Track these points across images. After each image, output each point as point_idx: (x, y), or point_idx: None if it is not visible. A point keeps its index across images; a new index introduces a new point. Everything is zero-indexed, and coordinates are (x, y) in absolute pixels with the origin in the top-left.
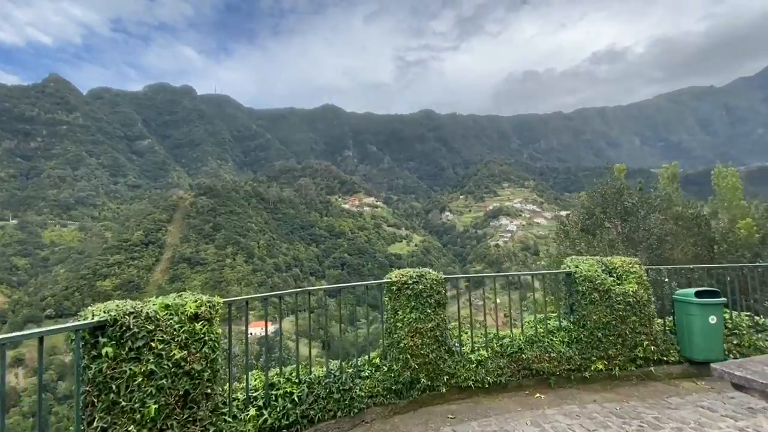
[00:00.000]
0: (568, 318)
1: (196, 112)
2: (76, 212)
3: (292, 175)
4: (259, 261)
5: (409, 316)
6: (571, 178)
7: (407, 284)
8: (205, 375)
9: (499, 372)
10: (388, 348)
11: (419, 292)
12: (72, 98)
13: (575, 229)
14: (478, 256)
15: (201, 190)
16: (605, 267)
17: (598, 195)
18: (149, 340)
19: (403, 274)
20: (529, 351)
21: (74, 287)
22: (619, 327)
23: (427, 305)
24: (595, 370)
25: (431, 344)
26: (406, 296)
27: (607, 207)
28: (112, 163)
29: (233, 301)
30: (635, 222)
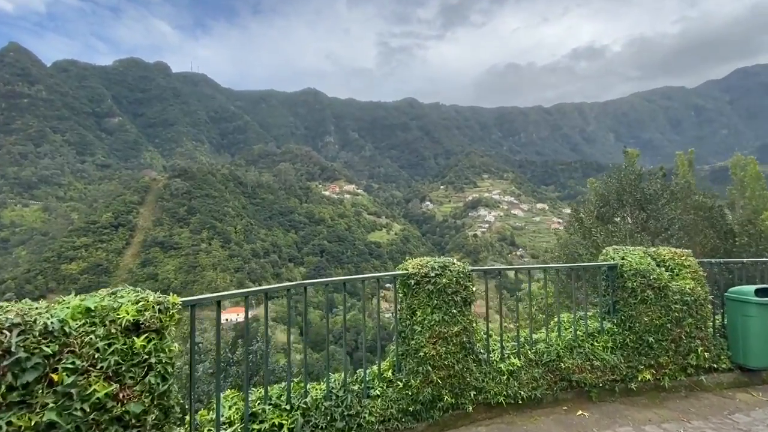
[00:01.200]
0: (611, 319)
1: (171, 90)
2: (39, 191)
3: (271, 159)
4: (236, 246)
5: (430, 318)
6: (548, 171)
7: (428, 277)
8: (149, 419)
9: (533, 384)
10: (402, 357)
11: (443, 287)
12: (34, 69)
13: (590, 217)
14: (457, 246)
15: (175, 172)
16: (654, 259)
17: (614, 181)
18: (49, 370)
19: (422, 265)
20: (569, 359)
21: (37, 270)
22: (674, 330)
23: (451, 304)
24: (642, 380)
25: (457, 352)
26: (427, 293)
27: (624, 194)
28: (78, 140)
29: (197, 302)
30: (654, 211)
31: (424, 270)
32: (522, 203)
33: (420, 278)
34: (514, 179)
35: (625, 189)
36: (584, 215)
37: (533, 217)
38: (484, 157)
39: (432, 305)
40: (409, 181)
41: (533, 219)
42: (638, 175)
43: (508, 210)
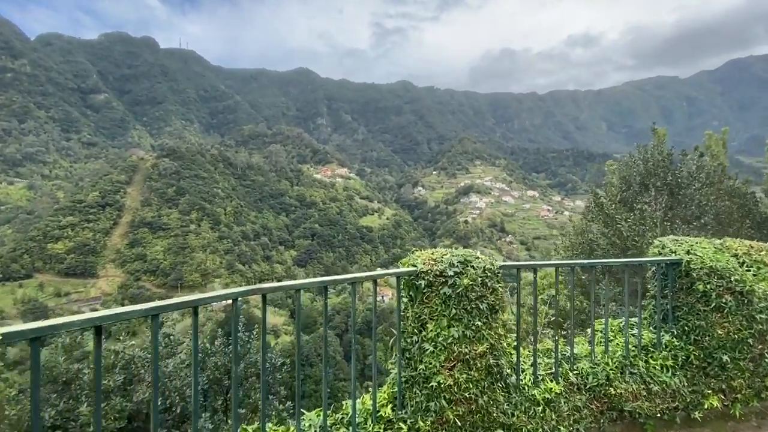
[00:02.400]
0: (668, 329)
1: (159, 67)
2: (23, 169)
3: (261, 140)
4: (225, 228)
5: (446, 334)
6: (540, 159)
7: (444, 277)
8: None
9: (575, 416)
10: (407, 387)
11: (464, 290)
12: (18, 43)
13: (613, 202)
14: (447, 232)
15: (164, 152)
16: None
17: (639, 162)
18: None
19: (436, 259)
20: (621, 382)
21: (23, 249)
22: (755, 347)
23: (475, 314)
24: (708, 407)
25: (481, 380)
26: (443, 298)
27: (650, 176)
28: (64, 117)
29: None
30: (686, 196)
31: (438, 266)
32: (513, 190)
33: (433, 278)
34: (506, 166)
35: (650, 171)
36: (606, 200)
37: (523, 204)
38: (477, 143)
39: (449, 315)
40: (401, 165)
41: (523, 206)
42: (669, 155)
43: (499, 197)
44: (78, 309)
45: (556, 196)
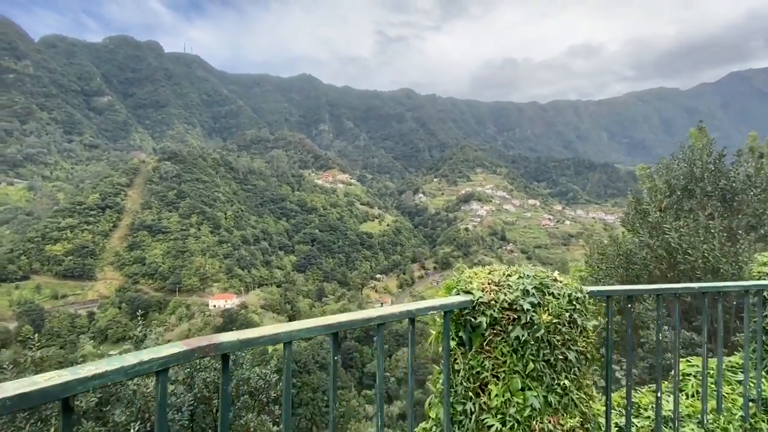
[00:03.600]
0: None
1: (163, 70)
2: (24, 170)
3: (264, 145)
4: (225, 232)
5: (520, 402)
6: (541, 168)
7: (515, 310)
8: None
9: None
10: None
11: (545, 332)
12: (21, 45)
13: (656, 210)
14: (448, 239)
15: (165, 155)
16: None
17: (684, 166)
18: None
19: (499, 283)
20: None
21: (20, 250)
22: None
23: (562, 368)
24: None
25: None
26: (514, 344)
27: (697, 181)
28: (66, 119)
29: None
30: (742, 203)
31: (506, 295)
32: (514, 198)
33: (498, 312)
34: (507, 174)
35: (695, 175)
36: (652, 206)
37: (524, 212)
38: (478, 151)
39: (524, 372)
40: (402, 172)
41: (524, 215)
42: (720, 155)
43: (500, 205)
44: (75, 312)
45: (557, 205)
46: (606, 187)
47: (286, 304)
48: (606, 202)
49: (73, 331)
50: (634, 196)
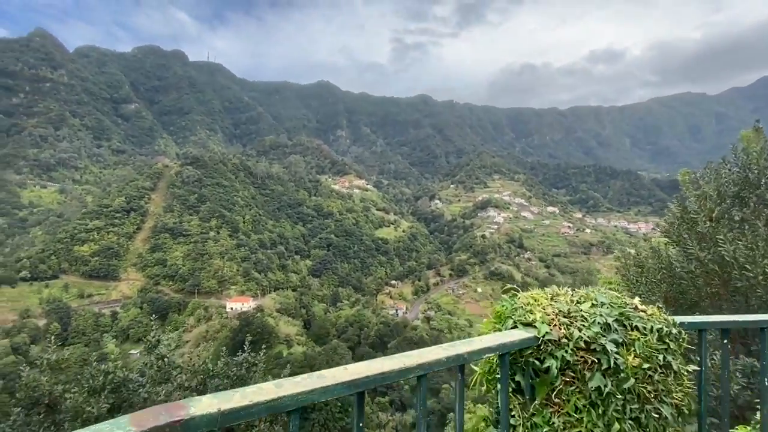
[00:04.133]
0: None
1: (187, 78)
2: (56, 173)
3: (282, 151)
4: (243, 236)
5: None
6: (560, 174)
7: (593, 351)
8: None
9: None
10: None
11: (636, 381)
12: (57, 55)
13: (705, 219)
14: (464, 246)
15: (188, 160)
16: None
17: (737, 171)
18: None
19: (570, 314)
20: None
21: (51, 250)
22: None
23: (654, 428)
24: None
25: None
26: (591, 398)
27: (753, 189)
28: (96, 125)
29: None
30: None
31: (581, 330)
32: (532, 206)
33: (572, 354)
34: (525, 181)
35: (750, 181)
36: (701, 215)
37: (543, 220)
38: (495, 157)
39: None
40: (419, 178)
41: (543, 222)
42: None
43: (518, 212)
44: (99, 311)
45: (577, 213)
46: (629, 195)
47: (301, 308)
48: (629, 210)
49: (97, 329)
50: (680, 203)
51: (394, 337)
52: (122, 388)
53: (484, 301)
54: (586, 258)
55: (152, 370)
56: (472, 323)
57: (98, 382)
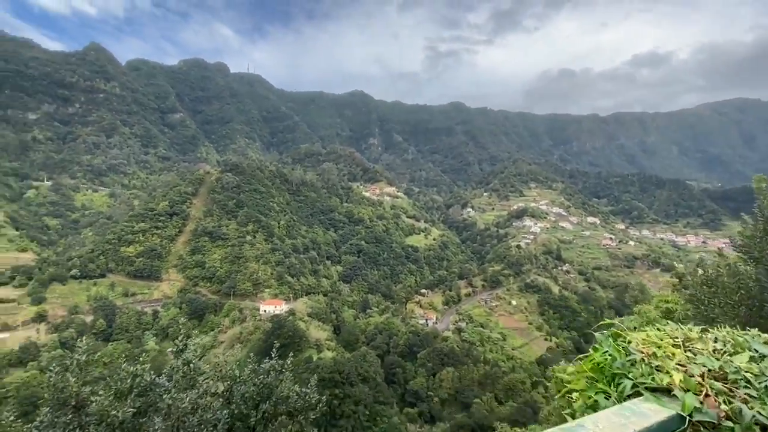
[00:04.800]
0: None
1: (228, 89)
2: (107, 178)
3: (316, 158)
4: (278, 240)
5: None
6: (602, 183)
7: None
8: None
9: None
10: None
11: None
12: (110, 68)
13: None
14: (498, 256)
15: (227, 167)
16: None
17: None
18: None
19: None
20: None
21: (100, 251)
22: None
23: None
24: None
25: None
26: None
27: None
28: (144, 133)
29: None
30: None
31: (748, 403)
32: (571, 215)
33: None
34: (564, 190)
35: None
36: None
37: (583, 231)
38: (532, 165)
39: None
40: (450, 186)
41: (582, 233)
42: None
43: (556, 222)
44: (141, 309)
45: (620, 224)
46: (676, 206)
47: (331, 313)
48: (676, 222)
49: (139, 327)
50: (763, 214)
51: (424, 347)
52: (149, 392)
53: (518, 314)
54: (629, 272)
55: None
56: (505, 337)
57: (126, 384)
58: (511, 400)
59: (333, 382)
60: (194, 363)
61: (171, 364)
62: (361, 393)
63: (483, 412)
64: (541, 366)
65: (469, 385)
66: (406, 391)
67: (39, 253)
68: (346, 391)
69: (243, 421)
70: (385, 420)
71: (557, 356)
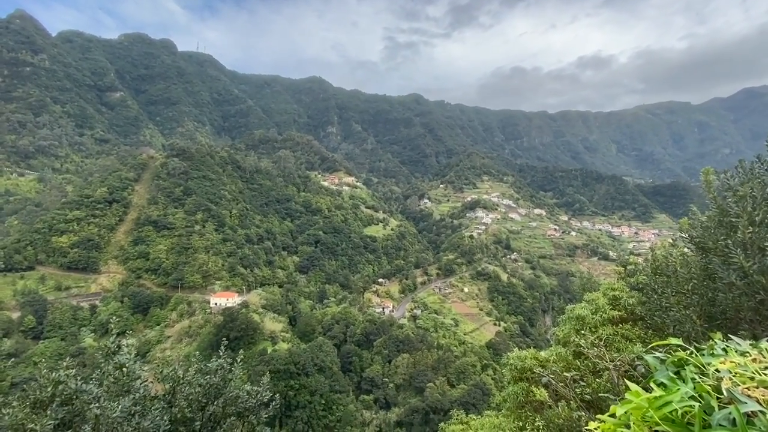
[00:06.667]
0: None
1: (176, 68)
2: (35, 161)
3: (271, 145)
4: (230, 230)
5: None
6: (548, 177)
7: None
8: None
9: None
10: None
11: None
12: (39, 39)
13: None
14: (452, 246)
15: (174, 152)
16: None
17: None
18: None
19: None
20: None
21: (27, 241)
22: None
23: None
24: None
25: None
26: None
27: None
28: (78, 113)
29: None
30: None
31: None
32: (520, 207)
33: None
34: (514, 183)
35: None
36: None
37: (530, 222)
38: (485, 158)
39: None
40: (409, 177)
41: (530, 224)
42: None
43: (506, 213)
44: (77, 304)
45: (564, 216)
46: (613, 200)
47: (287, 304)
48: (613, 214)
49: (75, 323)
50: (719, 205)
51: (380, 335)
52: (75, 400)
53: (470, 301)
54: (570, 260)
55: (109, 380)
56: (457, 322)
57: (46, 393)
58: (462, 383)
59: (288, 374)
60: (128, 366)
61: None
62: (316, 383)
63: (436, 395)
64: (491, 350)
65: (423, 370)
66: (362, 379)
67: None
68: (302, 381)
69: (187, 425)
70: (341, 408)
71: (505, 340)
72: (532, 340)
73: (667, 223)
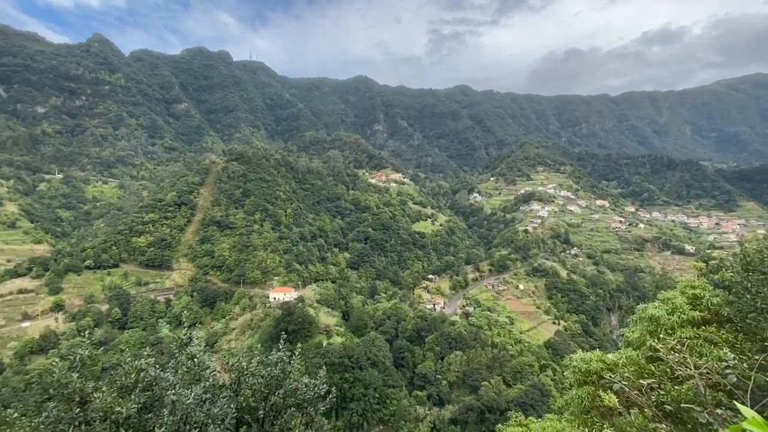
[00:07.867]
0: None
1: (232, 77)
2: (116, 170)
3: (321, 146)
4: (285, 229)
5: None
6: (611, 166)
7: None
8: None
9: None
10: None
11: None
12: (114, 59)
13: None
14: (505, 241)
15: (233, 156)
16: None
17: None
18: None
19: None
20: None
21: (112, 241)
22: None
23: None
24: None
25: None
26: None
27: None
28: (150, 124)
29: None
30: None
31: None
32: (579, 199)
33: None
34: (572, 173)
35: None
36: None
37: (591, 214)
38: (539, 148)
39: None
40: (457, 171)
41: (591, 216)
42: None
43: (564, 205)
44: (154, 297)
45: (630, 207)
46: (689, 187)
47: (340, 299)
48: (688, 203)
49: (153, 315)
50: None
51: (431, 331)
52: (154, 387)
53: (526, 298)
54: (639, 255)
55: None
56: (513, 321)
57: (130, 379)
58: (519, 383)
59: (343, 367)
60: (198, 357)
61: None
62: (370, 377)
63: (491, 394)
64: (550, 349)
65: (477, 369)
66: (415, 375)
67: (54, 244)
68: (356, 375)
69: (251, 414)
70: (394, 403)
71: (565, 339)
72: (596, 341)
73: (755, 211)
